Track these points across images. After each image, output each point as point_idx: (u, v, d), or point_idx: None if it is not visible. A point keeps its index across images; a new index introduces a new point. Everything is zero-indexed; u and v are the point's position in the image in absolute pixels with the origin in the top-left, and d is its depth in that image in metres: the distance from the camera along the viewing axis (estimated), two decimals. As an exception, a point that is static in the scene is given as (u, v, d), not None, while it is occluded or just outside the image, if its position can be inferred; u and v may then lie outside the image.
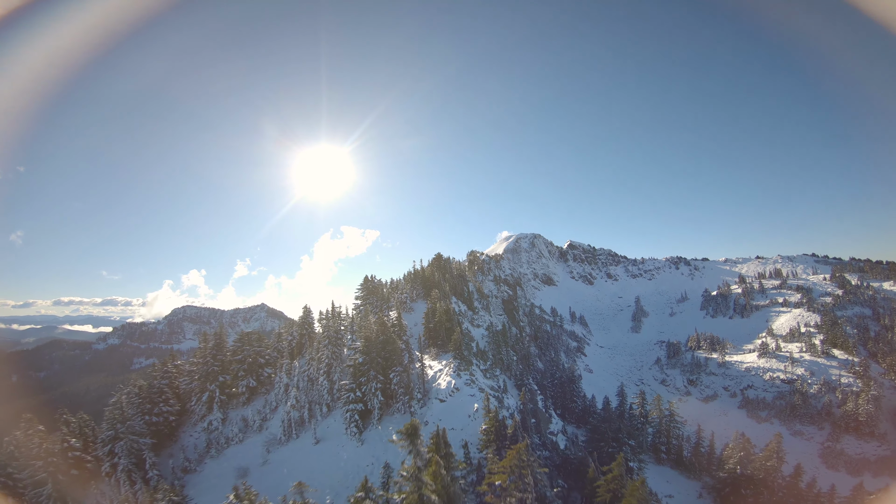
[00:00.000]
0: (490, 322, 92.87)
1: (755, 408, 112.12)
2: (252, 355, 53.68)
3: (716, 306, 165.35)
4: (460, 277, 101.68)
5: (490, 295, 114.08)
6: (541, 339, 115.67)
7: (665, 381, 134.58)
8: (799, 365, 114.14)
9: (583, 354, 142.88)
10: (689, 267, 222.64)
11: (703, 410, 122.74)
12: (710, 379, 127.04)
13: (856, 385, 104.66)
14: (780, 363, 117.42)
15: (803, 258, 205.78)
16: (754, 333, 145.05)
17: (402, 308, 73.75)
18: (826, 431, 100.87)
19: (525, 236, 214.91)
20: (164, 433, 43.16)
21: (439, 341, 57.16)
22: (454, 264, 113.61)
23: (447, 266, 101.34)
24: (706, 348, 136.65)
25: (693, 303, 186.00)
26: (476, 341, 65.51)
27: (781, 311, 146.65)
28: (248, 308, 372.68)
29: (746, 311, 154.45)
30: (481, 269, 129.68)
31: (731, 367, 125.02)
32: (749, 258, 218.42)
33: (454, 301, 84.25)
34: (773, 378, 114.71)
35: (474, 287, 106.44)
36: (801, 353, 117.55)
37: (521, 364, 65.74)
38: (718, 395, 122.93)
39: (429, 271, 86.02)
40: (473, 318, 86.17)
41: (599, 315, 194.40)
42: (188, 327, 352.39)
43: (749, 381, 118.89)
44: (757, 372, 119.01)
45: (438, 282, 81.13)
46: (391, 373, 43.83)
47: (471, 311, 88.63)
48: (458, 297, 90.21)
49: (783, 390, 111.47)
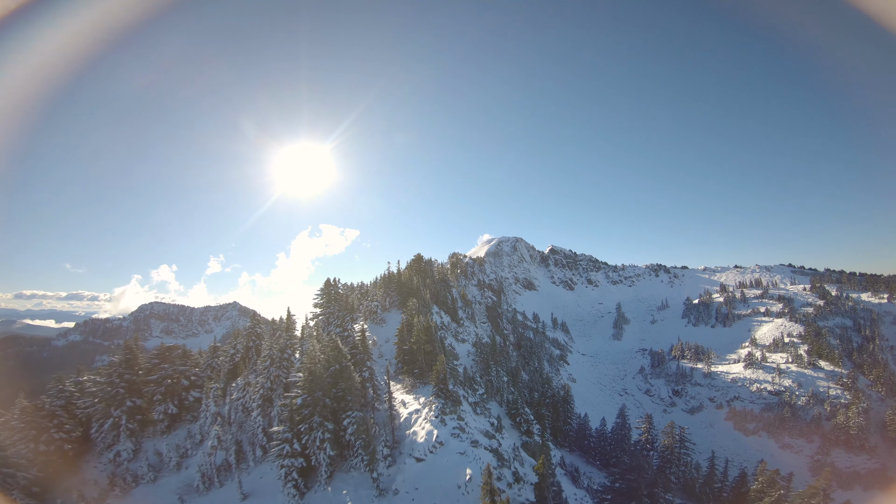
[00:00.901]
0: (476, 335, 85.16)
1: (743, 420, 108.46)
2: (173, 375, 43.50)
3: (697, 315, 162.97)
4: (443, 282, 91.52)
5: (474, 301, 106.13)
6: (524, 348, 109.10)
7: (649, 391, 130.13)
8: (786, 376, 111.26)
9: (565, 363, 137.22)
10: (668, 275, 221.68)
11: (689, 422, 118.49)
12: (695, 389, 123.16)
13: (844, 397, 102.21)
14: (766, 374, 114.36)
15: (780, 268, 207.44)
16: (737, 343, 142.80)
17: (373, 319, 63.37)
18: (815, 444, 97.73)
19: (507, 240, 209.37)
20: (59, 464, 33.57)
21: (416, 369, 44.14)
22: (436, 267, 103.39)
23: (428, 269, 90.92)
24: (690, 358, 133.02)
25: (674, 310, 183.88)
26: (462, 363, 56.29)
27: (763, 321, 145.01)
28: (220, 306, 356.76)
29: (729, 320, 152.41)
30: (464, 273, 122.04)
31: (717, 377, 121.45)
32: (728, 267, 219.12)
33: (436, 311, 74.10)
34: (761, 390, 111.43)
35: (458, 293, 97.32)
36: (788, 365, 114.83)
37: (510, 384, 57.42)
38: (704, 406, 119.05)
39: (406, 275, 73.99)
40: (458, 332, 75.93)
41: (580, 321, 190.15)
42: (155, 324, 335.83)
43: (735, 393, 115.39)
44: (743, 383, 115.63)
45: (417, 288, 70.36)
46: (345, 418, 32.31)
47: (454, 322, 78.03)
48: (440, 305, 79.79)
49: (771, 402, 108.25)
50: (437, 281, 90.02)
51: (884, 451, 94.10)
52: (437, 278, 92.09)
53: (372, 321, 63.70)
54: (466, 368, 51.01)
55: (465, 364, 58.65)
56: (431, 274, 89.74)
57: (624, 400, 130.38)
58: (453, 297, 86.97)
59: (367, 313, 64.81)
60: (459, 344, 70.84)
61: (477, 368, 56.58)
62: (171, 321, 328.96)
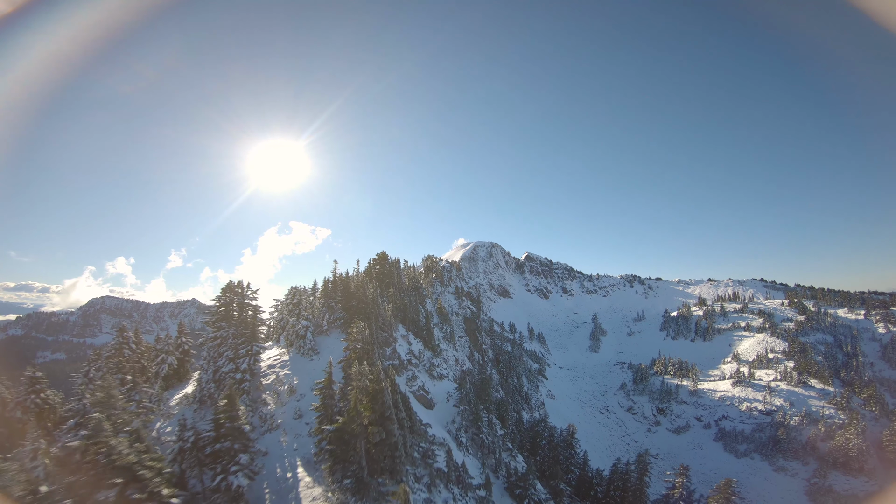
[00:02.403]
0: (457, 362, 70.82)
1: (733, 441, 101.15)
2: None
3: (676, 328, 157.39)
4: (414, 291, 73.87)
5: (451, 311, 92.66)
6: (502, 363, 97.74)
7: (632, 408, 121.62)
8: (777, 395, 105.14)
9: (544, 377, 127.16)
10: (643, 286, 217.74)
11: (675, 443, 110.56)
12: (681, 408, 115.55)
13: (838, 417, 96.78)
14: (756, 392, 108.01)
15: (753, 282, 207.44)
16: (718, 358, 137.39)
17: (299, 347, 42.42)
18: (811, 467, 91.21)
19: (483, 245, 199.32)
20: None
21: (353, 466, 24.40)
22: (406, 271, 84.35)
23: (394, 273, 70.41)
24: (674, 373, 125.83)
25: (651, 323, 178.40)
26: (444, 417, 42.26)
27: (744, 336, 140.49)
28: (177, 303, 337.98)
29: (709, 334, 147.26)
30: (440, 279, 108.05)
31: (704, 395, 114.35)
32: (701, 280, 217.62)
33: (402, 335, 54.49)
34: (751, 409, 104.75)
35: (434, 306, 79.03)
36: (777, 383, 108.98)
37: (506, 437, 44.34)
38: (691, 425, 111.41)
39: (358, 284, 50.54)
40: (433, 365, 56.57)
41: (556, 331, 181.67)
42: (106, 320, 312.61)
43: (724, 412, 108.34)
44: (732, 402, 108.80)
45: (374, 301, 48.75)
46: None
47: (429, 349, 59.31)
48: (409, 325, 60.34)
49: (762, 422, 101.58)
50: (406, 289, 72.18)
51: (881, 473, 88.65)
52: (406, 285, 75.03)
53: (298, 350, 42.30)
54: (451, 452, 33.57)
55: (445, 412, 43.92)
56: (399, 280, 71.77)
57: (605, 418, 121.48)
58: (427, 311, 69.07)
59: (293, 338, 42.92)
60: (436, 383, 53.50)
61: (462, 421, 41.66)
62: (123, 317, 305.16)
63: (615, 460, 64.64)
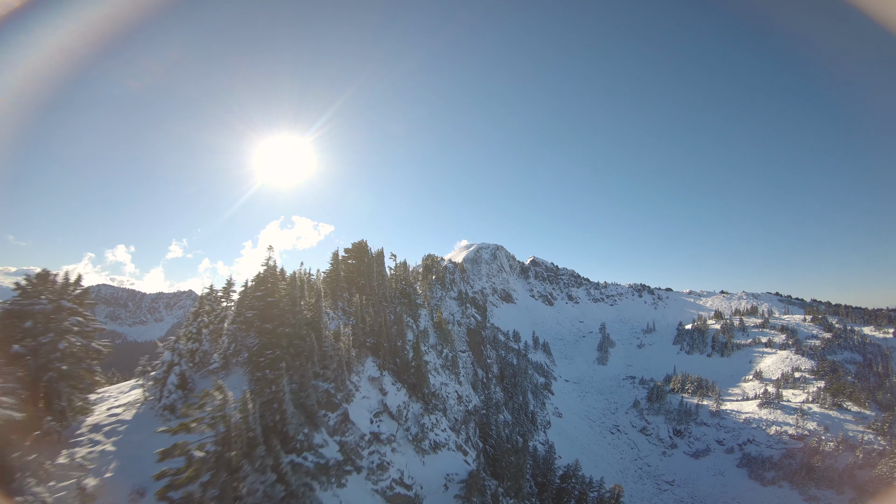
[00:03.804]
0: (459, 404, 51.27)
1: (759, 467, 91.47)
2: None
3: (691, 342, 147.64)
4: (404, 298, 55.17)
5: (452, 320, 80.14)
6: (507, 378, 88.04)
7: (646, 429, 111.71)
8: (809, 418, 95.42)
9: (550, 392, 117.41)
10: (652, 296, 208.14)
11: (693, 468, 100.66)
12: (700, 430, 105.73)
13: (877, 443, 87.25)
14: (786, 415, 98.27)
15: (767, 296, 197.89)
16: (737, 375, 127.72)
17: (154, 406, 25.66)
18: (847, 496, 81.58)
19: (487, 247, 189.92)
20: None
21: None
22: (397, 271, 59.67)
23: (373, 272, 48.35)
24: (692, 391, 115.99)
25: (662, 335, 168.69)
26: None
27: (766, 353, 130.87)
28: (174, 293, 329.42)
29: (727, 349, 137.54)
30: (441, 282, 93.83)
31: (727, 416, 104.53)
32: (713, 292, 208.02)
33: (373, 379, 36.44)
34: (780, 433, 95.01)
35: (431, 320, 59.40)
36: (809, 404, 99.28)
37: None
38: (712, 449, 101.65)
39: (283, 293, 29.16)
40: (423, 431, 37.56)
41: (560, 340, 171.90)
42: (101, 309, 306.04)
43: (750, 435, 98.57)
44: (759, 424, 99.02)
45: (313, 322, 30.52)
46: None
47: (421, 401, 40.22)
48: (390, 357, 40.35)
49: (793, 447, 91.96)
50: (391, 297, 51.47)
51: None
52: (394, 289, 53.81)
53: (152, 407, 25.81)
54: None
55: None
56: (381, 281, 49.53)
57: (616, 438, 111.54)
58: (421, 331, 49.56)
59: (150, 382, 27.20)
60: (427, 460, 35.09)
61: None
62: (118, 306, 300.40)
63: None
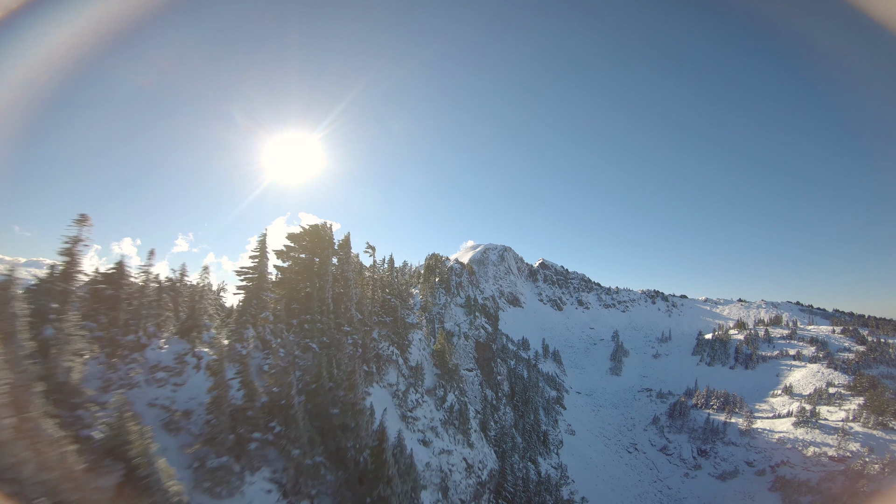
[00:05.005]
0: (468, 475, 39.66)
1: (794, 491, 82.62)
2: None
3: (712, 353, 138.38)
4: (389, 317, 40.20)
5: (458, 333, 68.05)
6: (517, 394, 79.17)
7: (667, 448, 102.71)
8: (851, 438, 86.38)
9: (562, 407, 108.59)
10: (666, 303, 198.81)
11: (719, 491, 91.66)
12: (728, 450, 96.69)
13: (931, 472, 78.16)
14: (825, 435, 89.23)
15: (787, 305, 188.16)
16: (764, 389, 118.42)
17: None
18: (897, 534, 72.38)
19: (494, 247, 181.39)
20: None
21: None
22: (374, 271, 45.24)
23: (331, 279, 31.99)
24: (718, 407, 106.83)
25: (679, 345, 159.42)
26: None
27: (794, 366, 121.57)
28: None
29: (752, 362, 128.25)
30: (446, 285, 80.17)
31: (758, 436, 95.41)
32: (731, 300, 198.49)
33: None
34: (819, 454, 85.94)
35: (427, 346, 45.12)
36: (850, 423, 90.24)
37: None
38: (740, 471, 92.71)
39: None
40: None
41: (570, 348, 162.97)
42: None
43: (784, 456, 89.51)
44: (794, 445, 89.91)
45: None
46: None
47: None
48: (335, 437, 22.98)
49: (833, 470, 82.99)
50: (369, 317, 36.13)
51: None
52: (371, 302, 38.79)
53: None
54: None
55: None
56: (345, 290, 33.51)
57: (633, 458, 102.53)
58: (412, 371, 36.98)
59: None
60: None
61: None
62: None
63: None
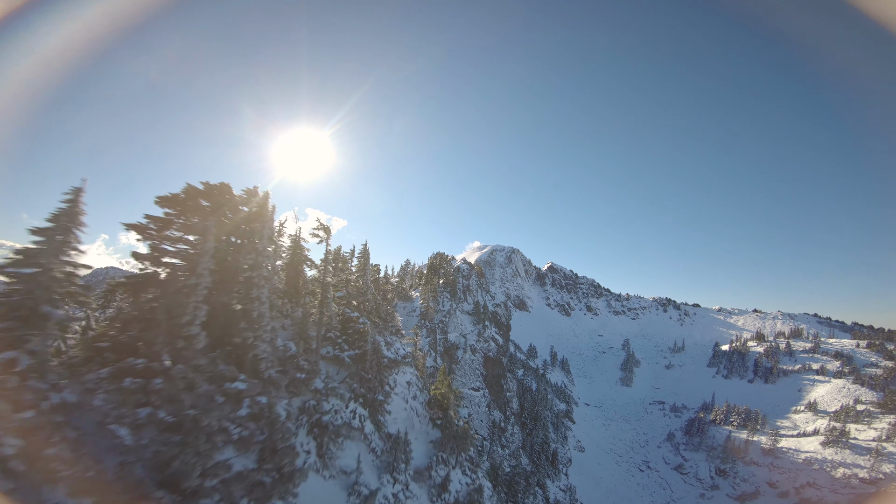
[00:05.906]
0: None
1: (821, 518, 76.62)
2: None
3: (729, 365, 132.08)
4: (356, 349, 26.95)
5: (463, 344, 57.76)
6: (526, 411, 73.56)
7: (682, 466, 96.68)
8: (885, 459, 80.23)
9: (571, 421, 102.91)
10: (678, 311, 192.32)
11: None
12: (748, 469, 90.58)
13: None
14: (856, 455, 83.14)
15: (805, 317, 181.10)
16: (785, 405, 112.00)
17: None
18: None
19: (501, 249, 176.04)
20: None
21: None
22: (324, 265, 27.99)
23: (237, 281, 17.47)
24: (739, 424, 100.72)
25: (693, 355, 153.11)
26: None
27: (818, 381, 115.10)
28: None
29: (772, 375, 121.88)
30: (451, 289, 67.56)
31: (783, 455, 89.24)
32: (746, 310, 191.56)
33: None
34: (849, 476, 79.83)
35: (423, 389, 34.55)
36: (883, 443, 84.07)
37: None
38: (761, 492, 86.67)
39: None
40: None
41: (578, 355, 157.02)
42: None
43: (809, 477, 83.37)
44: (822, 465, 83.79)
45: None
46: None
47: None
48: None
49: (863, 493, 76.94)
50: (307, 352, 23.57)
51: None
52: (322, 323, 26.09)
53: None
54: None
55: None
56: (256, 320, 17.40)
57: (646, 477, 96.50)
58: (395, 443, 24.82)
59: None
60: None
61: None
62: None
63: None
